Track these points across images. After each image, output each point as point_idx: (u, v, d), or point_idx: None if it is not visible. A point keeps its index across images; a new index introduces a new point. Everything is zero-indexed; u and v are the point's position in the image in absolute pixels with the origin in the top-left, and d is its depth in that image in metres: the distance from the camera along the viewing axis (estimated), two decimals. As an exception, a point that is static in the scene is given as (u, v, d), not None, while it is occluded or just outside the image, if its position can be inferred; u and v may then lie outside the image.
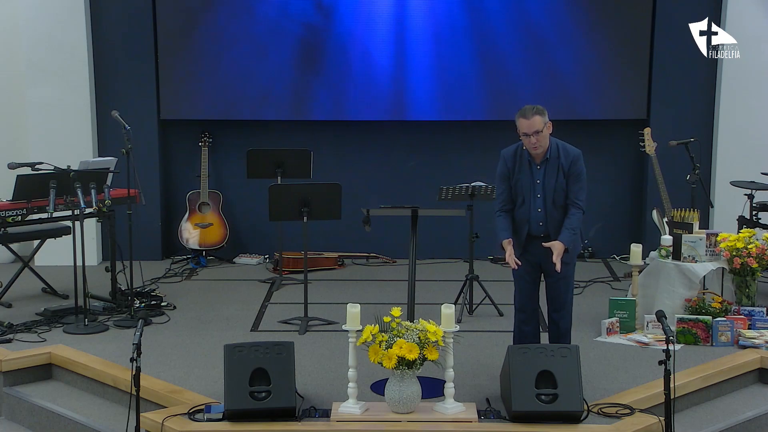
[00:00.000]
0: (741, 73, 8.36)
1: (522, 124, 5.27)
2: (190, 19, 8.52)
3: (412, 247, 5.84)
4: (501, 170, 5.46)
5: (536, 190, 5.38)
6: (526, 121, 5.25)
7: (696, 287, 6.53)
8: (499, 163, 5.48)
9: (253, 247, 8.94)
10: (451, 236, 8.57)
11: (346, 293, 7.46)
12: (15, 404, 5.69)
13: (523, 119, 5.27)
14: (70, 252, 6.55)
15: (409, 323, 4.93)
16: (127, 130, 6.72)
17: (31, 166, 6.66)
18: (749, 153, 8.39)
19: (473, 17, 8.50)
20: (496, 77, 8.57)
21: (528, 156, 5.38)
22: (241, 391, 4.89)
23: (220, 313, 7.06)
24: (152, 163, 8.61)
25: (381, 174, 8.87)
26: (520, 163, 5.40)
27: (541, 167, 5.38)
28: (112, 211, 7.12)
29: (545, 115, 5.29)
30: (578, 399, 4.90)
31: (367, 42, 8.53)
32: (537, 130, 5.25)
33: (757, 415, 5.43)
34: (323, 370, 5.77)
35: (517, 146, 5.44)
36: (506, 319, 6.85)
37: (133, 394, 4.64)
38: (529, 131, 5.25)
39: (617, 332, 6.46)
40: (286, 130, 8.80)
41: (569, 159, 5.37)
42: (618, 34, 8.54)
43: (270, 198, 6.68)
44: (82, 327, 6.53)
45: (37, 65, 8.38)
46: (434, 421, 4.93)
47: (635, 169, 8.87)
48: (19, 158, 7.07)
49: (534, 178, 5.38)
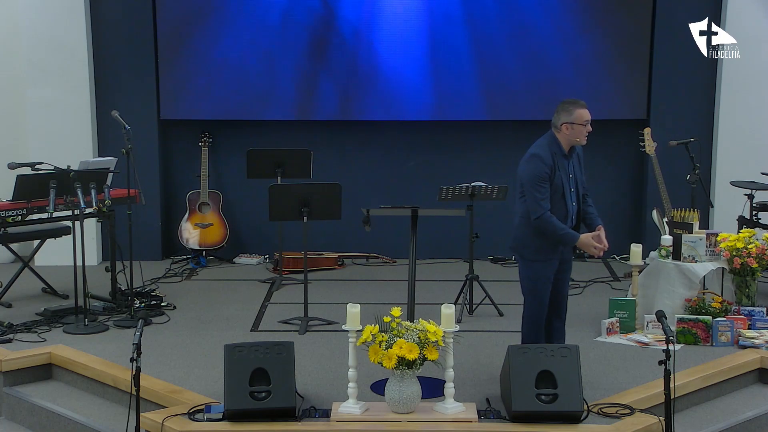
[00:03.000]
0: (741, 73, 8.36)
1: (584, 114, 5.35)
2: (190, 19, 8.52)
3: (412, 247, 5.84)
4: (542, 171, 5.29)
5: (570, 184, 5.40)
6: (586, 110, 5.36)
7: (696, 287, 6.53)
8: (535, 165, 5.30)
9: (253, 247, 8.94)
10: (451, 236, 8.57)
11: (346, 293, 7.45)
12: (15, 404, 5.69)
13: (583, 110, 5.35)
14: (70, 252, 6.55)
15: (409, 323, 4.93)
16: (127, 130, 6.72)
17: (31, 166, 6.66)
18: (749, 153, 8.39)
19: (473, 18, 8.49)
20: (495, 77, 8.56)
21: (561, 151, 5.37)
22: (241, 391, 4.89)
23: (220, 313, 7.06)
24: (152, 163, 8.61)
25: (381, 174, 8.87)
26: (555, 159, 5.36)
27: (571, 161, 5.42)
28: (112, 211, 7.12)
29: None
30: (578, 399, 4.90)
31: (369, 43, 8.53)
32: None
33: (757, 415, 5.43)
34: (323, 370, 5.77)
35: (548, 143, 5.38)
36: (506, 319, 6.86)
37: (133, 394, 4.64)
38: (589, 119, 5.36)
39: (617, 332, 6.46)
40: (286, 130, 8.80)
41: (579, 149, 5.50)
42: (618, 34, 8.54)
43: (270, 198, 6.68)
44: (82, 327, 6.53)
45: (37, 65, 8.38)
46: (434, 421, 4.92)
47: (635, 169, 8.87)
48: (19, 158, 7.07)
49: (568, 172, 5.39)
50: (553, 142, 5.38)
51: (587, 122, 5.37)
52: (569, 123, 5.34)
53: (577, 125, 5.34)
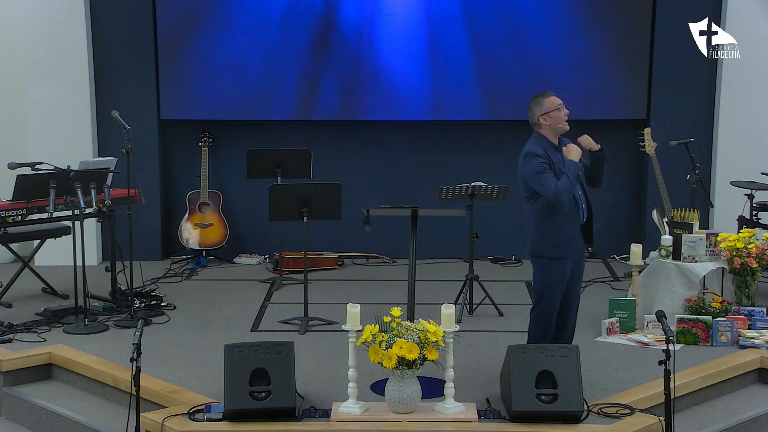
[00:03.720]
0: (741, 73, 8.36)
1: (554, 100, 5.39)
2: (190, 19, 8.51)
3: (412, 247, 5.84)
4: (539, 163, 5.29)
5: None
6: (554, 96, 5.42)
7: (696, 287, 6.53)
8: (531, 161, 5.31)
9: (253, 247, 8.94)
10: (451, 236, 8.56)
11: (346, 293, 7.45)
12: (15, 404, 5.69)
13: (551, 97, 5.41)
14: (70, 252, 6.55)
15: (409, 323, 4.93)
16: (127, 130, 6.72)
17: (31, 166, 6.66)
18: (749, 153, 8.39)
19: (473, 18, 8.49)
20: (496, 77, 8.56)
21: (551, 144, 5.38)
22: (241, 391, 4.89)
23: (220, 313, 7.06)
24: (152, 163, 8.61)
25: (381, 174, 8.87)
26: (548, 154, 5.35)
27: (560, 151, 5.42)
28: (112, 211, 7.13)
29: None
30: (578, 399, 4.90)
31: (371, 42, 8.53)
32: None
33: (757, 415, 5.43)
34: (323, 370, 5.77)
35: (537, 141, 5.40)
36: (506, 319, 6.86)
37: (133, 394, 4.64)
38: (560, 102, 5.40)
39: (617, 332, 6.46)
40: (286, 129, 8.80)
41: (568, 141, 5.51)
42: (618, 34, 8.53)
43: (270, 198, 6.68)
44: (82, 327, 6.53)
45: (37, 65, 8.38)
46: (434, 421, 4.92)
47: (635, 169, 8.87)
48: (19, 158, 7.07)
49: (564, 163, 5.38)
50: (540, 139, 5.40)
51: (560, 106, 5.40)
52: (544, 114, 5.38)
53: (552, 112, 5.37)
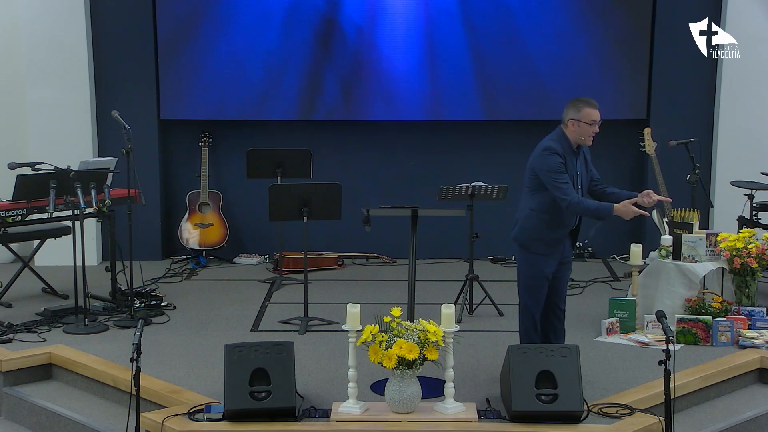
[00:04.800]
0: (741, 73, 8.36)
1: (593, 114, 5.31)
2: (190, 19, 8.51)
3: (412, 247, 5.84)
4: (557, 162, 5.26)
5: (577, 181, 5.40)
6: (596, 111, 5.33)
7: (696, 287, 6.53)
8: (550, 157, 5.28)
9: (253, 247, 8.94)
10: (451, 236, 8.57)
11: (346, 293, 7.45)
12: (15, 404, 5.69)
13: (593, 109, 5.32)
14: (70, 252, 6.55)
15: (409, 323, 4.93)
16: (127, 130, 6.72)
17: (31, 166, 6.66)
18: (749, 153, 8.39)
19: (472, 18, 8.49)
20: (495, 77, 8.56)
21: (570, 147, 5.35)
22: (241, 391, 4.89)
23: (220, 313, 7.06)
24: (152, 163, 8.61)
25: (381, 174, 8.87)
26: (565, 154, 5.34)
27: (578, 158, 5.41)
28: (112, 211, 7.13)
29: None
30: (578, 399, 4.90)
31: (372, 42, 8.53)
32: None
33: (757, 415, 5.43)
34: (323, 370, 5.77)
35: (558, 138, 5.37)
36: (506, 319, 6.85)
37: (133, 394, 4.64)
38: (597, 120, 5.32)
39: (617, 332, 6.46)
40: (286, 130, 8.80)
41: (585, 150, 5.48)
42: (618, 34, 8.53)
43: (270, 198, 6.68)
44: (82, 327, 6.53)
45: (37, 65, 8.38)
46: (434, 421, 4.92)
47: (635, 169, 8.87)
48: (19, 158, 7.07)
49: (576, 170, 5.39)
50: (562, 137, 5.37)
51: (594, 122, 5.33)
52: (576, 120, 5.32)
53: (584, 123, 5.32)
